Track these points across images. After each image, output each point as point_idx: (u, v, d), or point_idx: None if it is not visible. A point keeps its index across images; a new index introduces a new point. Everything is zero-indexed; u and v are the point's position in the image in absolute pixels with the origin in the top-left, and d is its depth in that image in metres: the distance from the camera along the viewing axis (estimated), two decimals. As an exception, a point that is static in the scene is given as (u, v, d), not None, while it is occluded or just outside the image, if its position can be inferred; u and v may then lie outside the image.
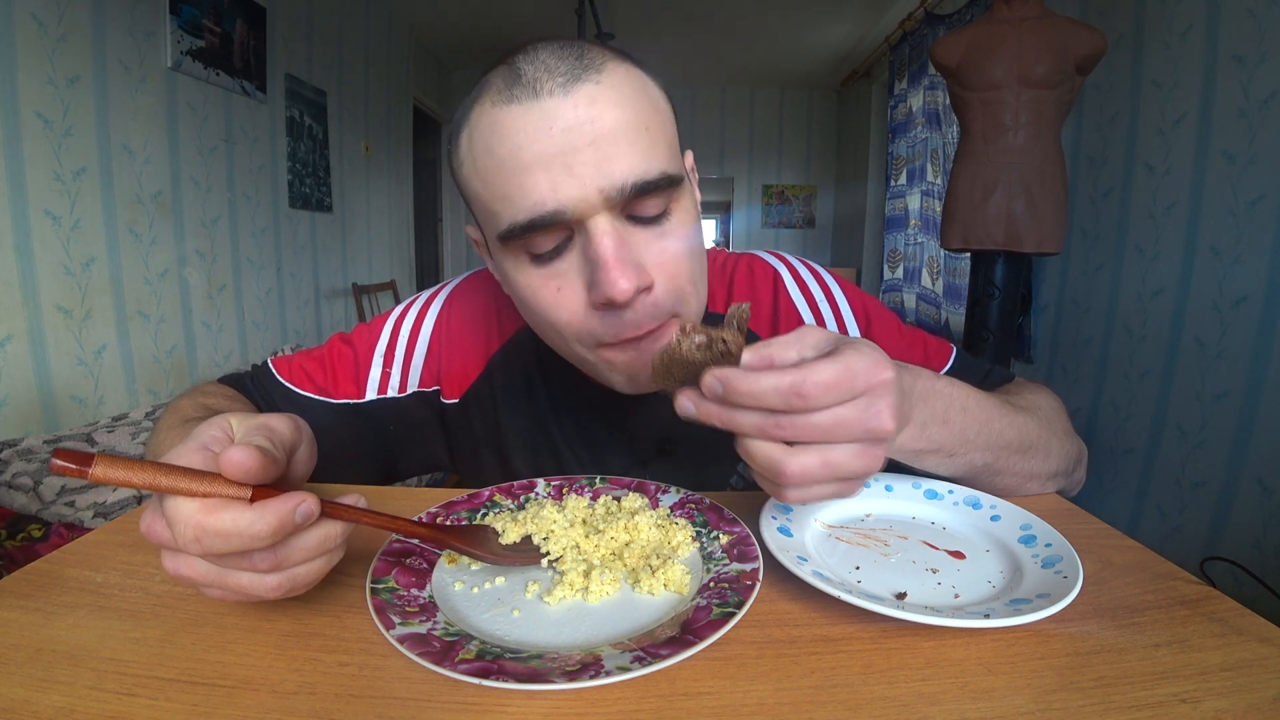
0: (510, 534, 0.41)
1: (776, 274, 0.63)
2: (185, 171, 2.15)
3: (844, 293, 0.62)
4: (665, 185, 0.43)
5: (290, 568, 0.31)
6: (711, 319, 0.62)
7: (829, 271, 0.64)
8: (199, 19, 2.15)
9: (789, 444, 0.33)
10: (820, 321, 0.60)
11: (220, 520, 0.28)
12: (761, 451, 0.34)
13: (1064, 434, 0.53)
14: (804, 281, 0.62)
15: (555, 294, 0.44)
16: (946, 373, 0.56)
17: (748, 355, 0.34)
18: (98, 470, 0.27)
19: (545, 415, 0.60)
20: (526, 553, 0.40)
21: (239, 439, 0.33)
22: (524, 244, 0.43)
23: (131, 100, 1.92)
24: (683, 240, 0.45)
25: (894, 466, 0.49)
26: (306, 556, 0.31)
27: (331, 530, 0.32)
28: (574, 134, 0.40)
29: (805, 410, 0.32)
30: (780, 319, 0.61)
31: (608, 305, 0.42)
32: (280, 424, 0.35)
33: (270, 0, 2.53)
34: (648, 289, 0.43)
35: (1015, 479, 0.49)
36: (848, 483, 0.35)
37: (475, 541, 0.40)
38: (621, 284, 0.41)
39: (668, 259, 0.44)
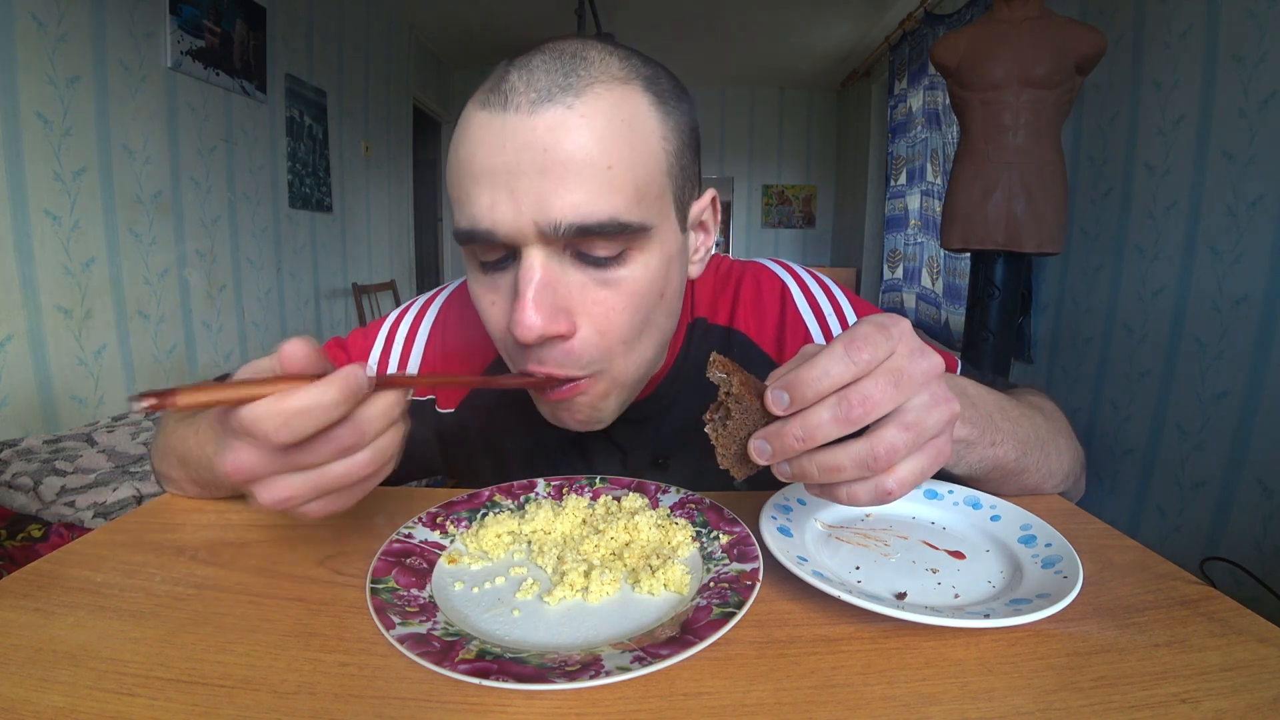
0: None
1: (784, 287, 0.60)
2: (185, 171, 2.16)
3: (852, 305, 0.60)
4: (613, 231, 0.39)
5: (372, 441, 0.32)
6: (715, 332, 0.59)
7: (836, 283, 0.62)
8: (199, 19, 2.15)
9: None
10: (828, 334, 0.58)
11: (297, 399, 0.29)
12: (846, 454, 0.31)
13: (1069, 435, 0.53)
14: (812, 295, 0.60)
15: (490, 305, 0.44)
16: None
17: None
18: (181, 398, 0.28)
19: (540, 424, 0.55)
20: None
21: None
22: (470, 250, 0.43)
23: (131, 100, 1.92)
24: (626, 295, 0.42)
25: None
26: (383, 425, 0.32)
27: (391, 398, 0.33)
28: (525, 156, 0.38)
29: (862, 370, 0.30)
30: (786, 333, 0.58)
31: (515, 340, 0.41)
32: (300, 340, 0.34)
33: (270, 0, 2.53)
34: (564, 336, 0.41)
35: (1037, 476, 0.48)
36: (935, 444, 0.32)
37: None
38: (527, 323, 0.39)
39: (600, 311, 0.42)
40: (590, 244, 0.40)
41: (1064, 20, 1.75)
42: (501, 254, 0.41)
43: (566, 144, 0.38)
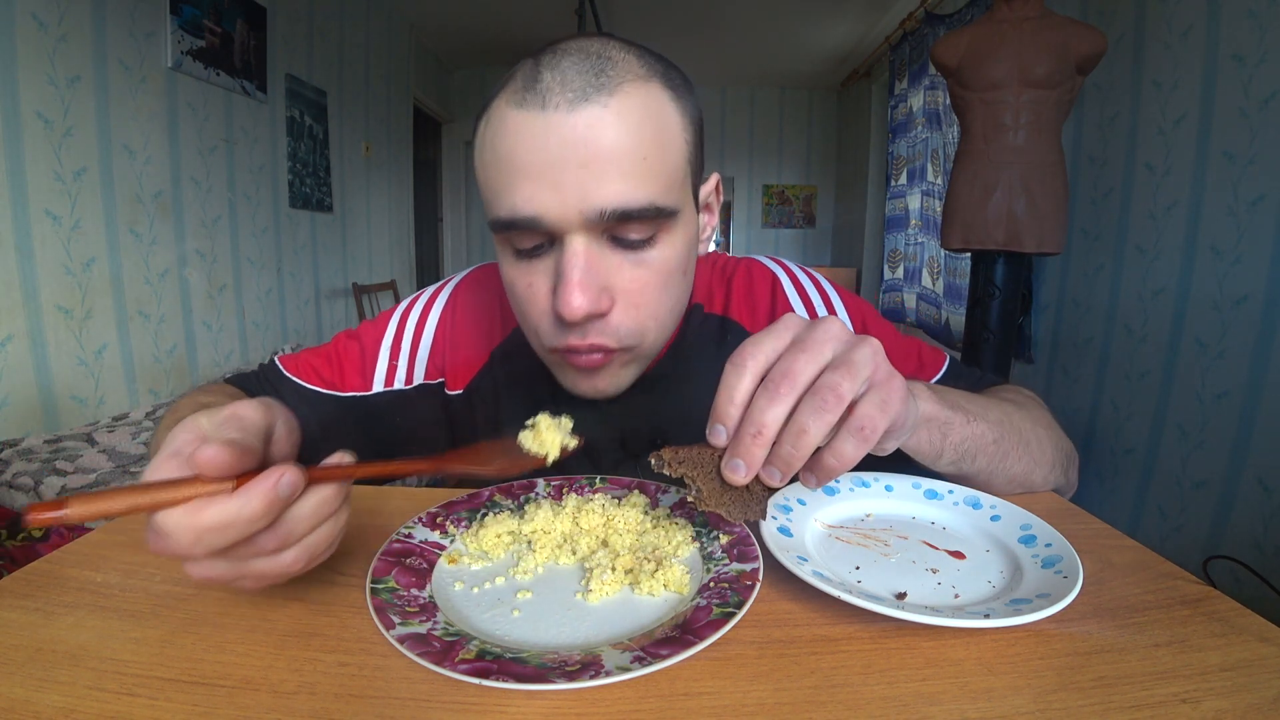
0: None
1: (775, 278, 0.63)
2: (185, 171, 2.16)
3: (841, 299, 0.63)
4: (651, 215, 0.43)
5: (299, 540, 0.31)
6: (712, 320, 0.62)
7: (828, 280, 0.64)
8: (199, 19, 2.15)
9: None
10: None
11: (209, 516, 0.28)
12: (800, 413, 0.32)
13: (1051, 426, 0.53)
14: (802, 286, 0.63)
15: (527, 288, 0.46)
16: (939, 379, 0.59)
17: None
18: (73, 511, 0.26)
19: (543, 404, 0.61)
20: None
21: (210, 436, 0.32)
22: (507, 238, 0.45)
23: (132, 100, 1.92)
24: (657, 273, 0.46)
25: (897, 466, 0.49)
26: (312, 525, 0.31)
27: (326, 494, 0.32)
28: (568, 151, 0.40)
29: (763, 365, 0.34)
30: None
31: (559, 319, 0.44)
32: (248, 410, 0.34)
33: (270, 0, 2.53)
34: (603, 313, 0.45)
35: (1021, 463, 0.48)
36: (882, 378, 0.34)
37: (481, 458, 0.40)
38: (574, 303, 0.42)
39: (635, 289, 0.45)
40: (627, 228, 0.43)
41: (1064, 20, 1.74)
42: (539, 241, 0.44)
43: (605, 139, 0.41)
